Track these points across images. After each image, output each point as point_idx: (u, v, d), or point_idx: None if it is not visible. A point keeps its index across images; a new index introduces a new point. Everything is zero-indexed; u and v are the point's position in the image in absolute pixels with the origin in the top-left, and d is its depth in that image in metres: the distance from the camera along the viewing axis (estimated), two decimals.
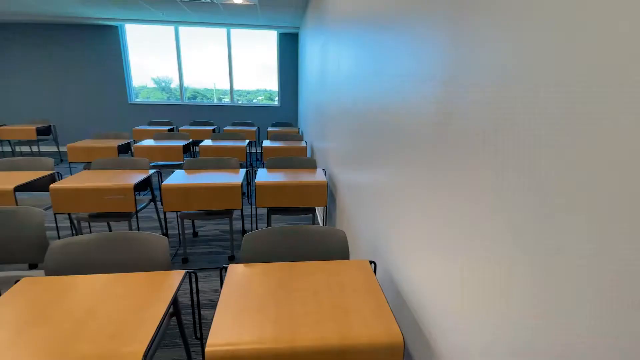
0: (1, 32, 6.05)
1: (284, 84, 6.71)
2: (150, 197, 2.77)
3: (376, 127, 1.38)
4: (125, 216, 2.48)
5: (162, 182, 2.35)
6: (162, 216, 3.31)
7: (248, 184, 4.05)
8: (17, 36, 6.12)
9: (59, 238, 3.06)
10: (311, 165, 2.79)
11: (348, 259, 1.38)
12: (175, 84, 6.72)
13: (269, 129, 5.17)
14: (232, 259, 2.61)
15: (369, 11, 1.49)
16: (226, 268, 1.25)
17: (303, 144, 3.85)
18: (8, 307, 1.01)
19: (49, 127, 5.52)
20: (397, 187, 1.16)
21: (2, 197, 2.20)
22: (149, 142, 3.90)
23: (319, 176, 2.49)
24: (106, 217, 2.50)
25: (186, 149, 3.89)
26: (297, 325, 0.92)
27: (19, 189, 2.27)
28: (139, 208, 2.41)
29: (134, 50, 6.48)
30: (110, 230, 3.06)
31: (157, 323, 0.95)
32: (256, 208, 2.41)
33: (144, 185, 2.62)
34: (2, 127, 5.06)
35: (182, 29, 6.27)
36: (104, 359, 0.83)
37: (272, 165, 2.77)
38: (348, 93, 1.93)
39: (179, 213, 2.49)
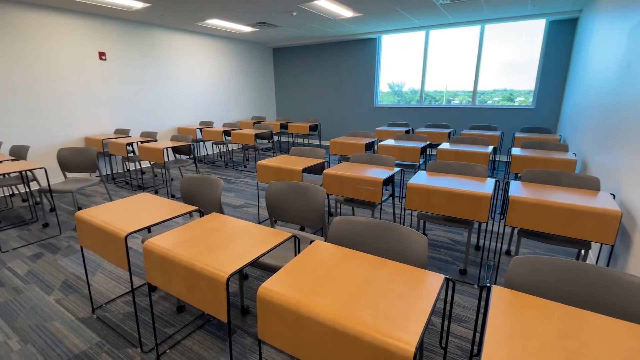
0: (292, 54, 8.28)
1: (544, 81, 5.62)
2: (390, 192, 3.00)
3: None
4: (369, 205, 2.80)
5: (402, 180, 2.46)
6: (397, 211, 3.53)
7: None
8: (300, 55, 8.18)
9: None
10: (590, 185, 2.16)
11: None
12: (406, 87, 7.06)
13: (517, 134, 4.47)
14: (464, 273, 2.43)
15: None
16: (489, 288, 1.13)
17: (570, 156, 3.07)
18: (308, 261, 1.30)
19: (317, 125, 7.06)
20: None
21: (294, 175, 2.97)
22: (389, 141, 4.24)
23: (603, 202, 1.88)
24: (354, 202, 2.90)
25: (421, 150, 3.96)
26: None
27: (303, 170, 3.00)
28: (382, 200, 2.65)
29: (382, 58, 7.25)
30: (353, 214, 3.56)
31: (425, 320, 0.97)
32: (504, 225, 2.11)
33: (386, 181, 2.87)
34: (290, 124, 6.92)
35: (433, 33, 6.41)
36: (382, 334, 0.91)
37: (531, 179, 2.34)
38: None
39: (416, 212, 2.55)
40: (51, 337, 1.84)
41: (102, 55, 5.20)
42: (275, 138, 8.88)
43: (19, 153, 3.75)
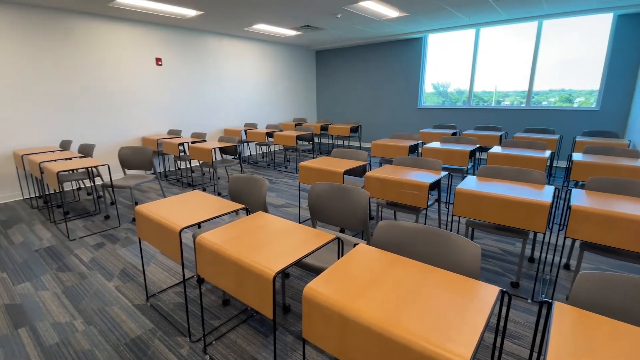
0: (334, 55, 8.29)
1: (611, 81, 5.11)
2: (436, 197, 2.89)
3: None
4: (413, 210, 2.72)
5: (449, 185, 2.35)
6: (443, 217, 3.40)
7: None
8: (343, 57, 8.16)
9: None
10: None
11: None
12: (452, 87, 6.79)
13: (579, 138, 4.11)
14: (516, 287, 2.27)
15: None
16: (549, 304, 1.04)
17: None
18: (353, 264, 1.29)
19: (357, 126, 7.01)
20: None
21: (336, 177, 2.97)
22: (435, 144, 4.10)
23: None
24: (396, 206, 2.83)
25: (470, 154, 3.77)
26: None
27: (344, 172, 2.99)
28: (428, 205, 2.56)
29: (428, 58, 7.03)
30: (395, 219, 3.49)
31: (479, 334, 0.91)
32: (564, 237, 1.94)
33: (432, 185, 2.76)
34: (330, 125, 6.94)
35: (483, 31, 6.10)
36: (432, 344, 0.87)
37: (596, 187, 2.14)
38: None
39: (464, 219, 2.43)
40: (111, 321, 2.00)
41: (158, 60, 5.59)
42: (315, 140, 8.96)
43: (86, 151, 4.14)
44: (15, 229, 3.41)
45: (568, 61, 5.47)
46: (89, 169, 3.84)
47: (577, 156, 3.09)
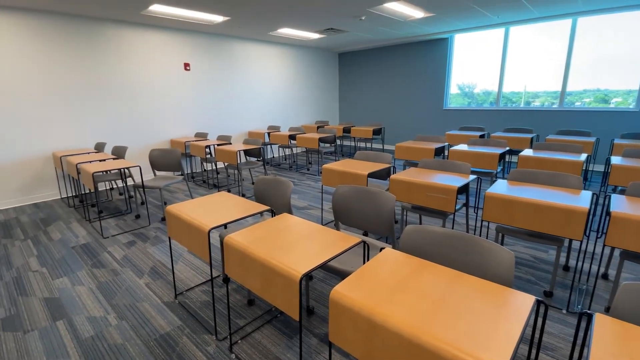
0: (358, 57, 8.26)
1: None
2: (463, 201, 2.81)
3: None
4: (440, 214, 2.66)
5: (478, 189, 2.28)
6: (471, 222, 3.30)
7: None
8: (366, 59, 8.12)
9: None
10: None
11: None
12: (478, 89, 6.61)
13: (617, 140, 3.89)
14: (550, 296, 2.17)
15: None
16: (589, 315, 0.98)
17: None
18: (380, 268, 1.27)
19: (380, 128, 6.95)
20: None
21: (359, 179, 2.95)
22: (462, 146, 3.99)
23: None
24: (422, 210, 2.78)
25: (499, 157, 3.65)
26: None
27: (368, 175, 2.96)
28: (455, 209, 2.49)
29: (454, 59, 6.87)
30: (420, 223, 3.42)
31: (514, 345, 0.88)
32: (603, 245, 1.84)
33: (460, 189, 2.69)
34: (353, 128, 6.92)
35: (513, 30, 5.91)
36: (464, 353, 0.85)
37: (638, 193, 2.01)
38: None
39: (493, 224, 2.35)
40: (141, 317, 2.07)
41: (187, 66, 5.78)
42: (338, 142, 8.95)
43: (119, 153, 4.33)
44: (54, 226, 3.62)
45: (604, 60, 5.19)
46: (122, 170, 4.01)
47: (615, 160, 2.92)
